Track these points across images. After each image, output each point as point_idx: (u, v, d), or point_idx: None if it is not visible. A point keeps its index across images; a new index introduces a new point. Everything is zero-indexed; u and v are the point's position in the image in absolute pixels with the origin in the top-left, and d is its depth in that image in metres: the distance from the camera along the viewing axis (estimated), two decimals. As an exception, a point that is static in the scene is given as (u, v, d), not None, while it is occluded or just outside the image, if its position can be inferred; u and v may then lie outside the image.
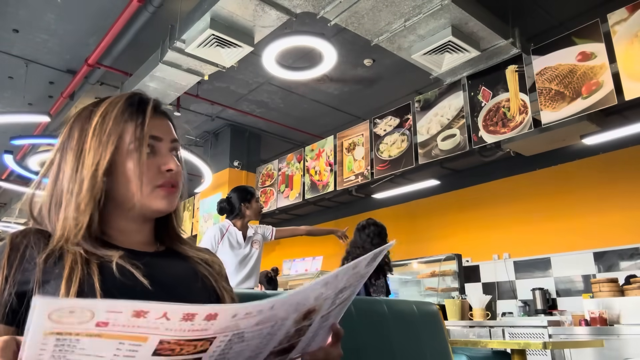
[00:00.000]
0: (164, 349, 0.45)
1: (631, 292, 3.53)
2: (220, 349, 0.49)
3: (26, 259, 0.67)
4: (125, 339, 0.43)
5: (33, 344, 0.42)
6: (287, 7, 3.12)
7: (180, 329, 0.43)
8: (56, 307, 0.39)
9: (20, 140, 4.99)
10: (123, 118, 0.76)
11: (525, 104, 3.62)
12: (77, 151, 0.75)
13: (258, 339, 0.52)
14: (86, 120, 0.77)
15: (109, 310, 0.40)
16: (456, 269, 5.60)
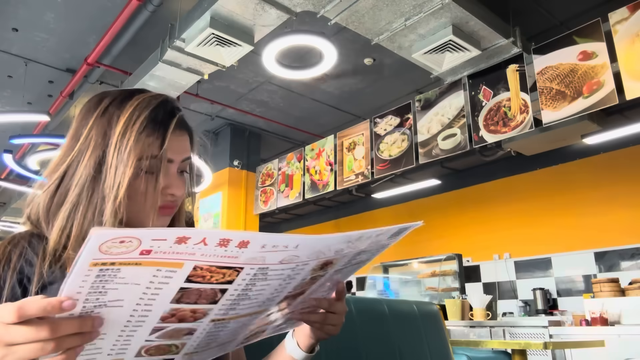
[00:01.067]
0: (196, 275, 0.47)
1: (632, 292, 3.52)
2: (245, 283, 0.51)
3: (22, 264, 0.65)
4: (163, 266, 0.46)
5: (77, 277, 0.44)
6: (287, 6, 3.11)
7: (214, 254, 0.46)
8: (109, 237, 0.41)
9: (19, 140, 4.98)
10: (145, 133, 0.72)
11: (526, 104, 3.61)
12: (97, 160, 0.71)
13: (278, 280, 0.54)
14: (109, 125, 0.72)
15: (154, 238, 0.43)
16: (457, 268, 5.59)
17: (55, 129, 5.67)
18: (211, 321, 0.55)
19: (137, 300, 0.48)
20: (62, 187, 0.73)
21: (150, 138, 0.72)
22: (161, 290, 0.48)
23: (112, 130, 0.71)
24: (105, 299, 0.47)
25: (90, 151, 0.71)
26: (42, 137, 5.41)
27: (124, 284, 0.46)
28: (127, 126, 0.71)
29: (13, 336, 0.44)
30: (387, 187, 6.94)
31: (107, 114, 0.73)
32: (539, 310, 5.32)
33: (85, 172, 0.71)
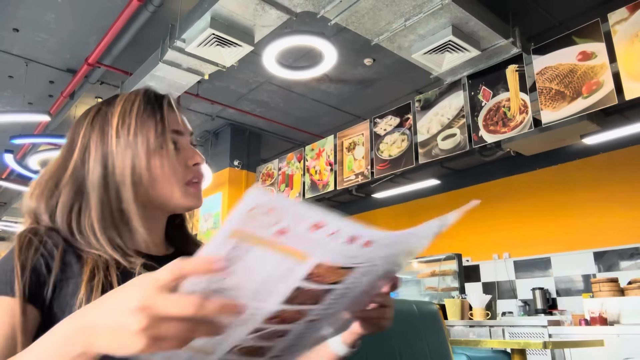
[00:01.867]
0: (315, 274, 0.44)
1: (631, 291, 3.53)
2: (349, 283, 0.48)
3: (41, 253, 0.64)
4: (290, 253, 0.42)
5: (214, 246, 0.40)
6: (288, 7, 3.12)
7: (340, 251, 0.43)
8: (266, 199, 0.38)
9: (20, 140, 4.99)
10: (144, 116, 0.73)
11: (525, 104, 3.62)
12: (102, 155, 0.71)
13: (370, 279, 0.51)
14: (104, 121, 0.74)
15: (299, 213, 0.40)
16: (456, 268, 5.60)
17: (56, 129, 5.67)
18: (306, 322, 0.51)
19: (252, 294, 0.44)
20: (77, 188, 0.72)
21: (151, 118, 0.73)
22: (278, 286, 0.44)
23: (110, 124, 0.73)
24: (225, 284, 0.43)
25: (94, 150, 0.72)
26: (42, 137, 5.41)
27: (249, 268, 0.42)
28: (124, 115, 0.73)
29: (164, 305, 0.39)
30: (387, 187, 6.95)
31: (100, 115, 0.75)
32: (538, 309, 5.32)
33: (96, 171, 0.71)
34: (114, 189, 0.70)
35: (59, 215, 0.70)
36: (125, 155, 0.71)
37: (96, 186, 0.70)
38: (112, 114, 0.74)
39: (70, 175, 0.72)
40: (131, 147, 0.71)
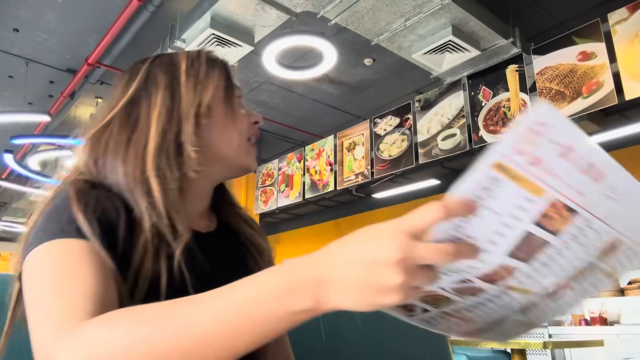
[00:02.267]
0: (546, 217, 0.38)
1: (631, 292, 3.54)
2: (567, 239, 0.40)
3: (107, 207, 0.58)
4: (530, 191, 0.37)
5: (471, 182, 0.37)
6: (288, 7, 3.12)
7: (571, 184, 0.37)
8: (555, 117, 0.35)
9: (20, 140, 4.99)
10: (211, 65, 0.72)
11: (525, 104, 3.62)
12: (169, 93, 0.67)
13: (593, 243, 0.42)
14: (170, 66, 0.71)
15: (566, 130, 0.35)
16: (456, 268, 5.60)
17: (56, 129, 5.68)
18: (505, 288, 0.44)
19: (485, 239, 0.39)
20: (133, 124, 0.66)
21: (216, 71, 0.72)
22: (508, 231, 0.38)
23: (177, 65, 0.70)
24: (464, 231, 0.39)
25: (160, 87, 0.68)
26: (42, 137, 5.42)
27: (491, 211, 0.37)
28: (193, 60, 0.71)
29: (422, 255, 0.36)
30: (387, 187, 6.95)
31: (163, 57, 0.73)
32: (538, 310, 5.33)
33: (163, 102, 0.67)
34: (177, 122, 0.66)
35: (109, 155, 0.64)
36: (194, 92, 0.68)
37: (161, 117, 0.66)
38: (178, 58, 0.72)
39: (124, 112, 0.67)
40: (201, 85, 0.69)
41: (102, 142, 0.65)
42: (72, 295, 0.48)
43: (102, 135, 0.66)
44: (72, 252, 0.52)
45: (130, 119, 0.66)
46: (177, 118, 0.66)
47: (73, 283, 0.49)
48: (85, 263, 0.51)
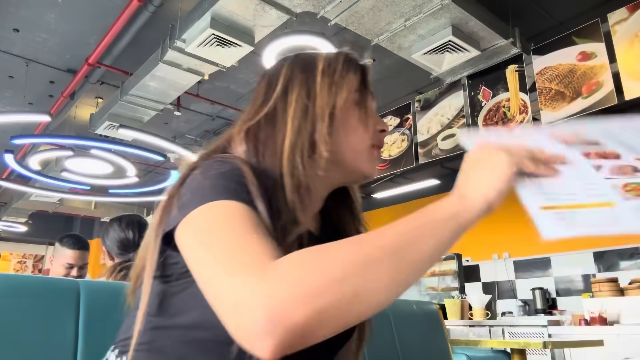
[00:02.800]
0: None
1: (631, 292, 3.53)
2: None
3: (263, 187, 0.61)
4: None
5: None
6: (288, 7, 3.12)
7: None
8: None
9: (20, 140, 5.00)
10: (349, 67, 0.74)
11: (525, 104, 3.62)
12: (305, 91, 0.71)
13: None
14: (308, 63, 0.74)
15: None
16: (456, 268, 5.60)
17: (56, 129, 5.68)
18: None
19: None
20: (272, 122, 0.70)
21: (352, 74, 0.74)
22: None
23: (314, 65, 0.73)
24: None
25: (297, 84, 0.71)
26: (43, 137, 5.42)
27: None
28: (331, 61, 0.74)
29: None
30: (387, 187, 6.95)
31: (302, 57, 0.76)
32: (538, 309, 5.33)
33: (300, 104, 0.70)
34: (311, 121, 0.69)
35: (258, 147, 0.69)
36: (329, 92, 0.70)
37: (297, 114, 0.69)
38: (316, 59, 0.74)
39: (269, 107, 0.71)
40: (336, 86, 0.71)
41: (251, 136, 0.70)
42: (258, 244, 0.50)
43: (253, 130, 0.71)
44: (250, 215, 0.55)
45: (271, 116, 0.71)
46: (311, 117, 0.69)
47: (257, 237, 0.52)
48: (262, 227, 0.55)
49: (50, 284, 0.87)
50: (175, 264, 0.61)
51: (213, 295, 0.48)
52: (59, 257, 2.11)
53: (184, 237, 0.56)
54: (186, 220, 0.55)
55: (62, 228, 10.39)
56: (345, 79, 0.72)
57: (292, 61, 0.75)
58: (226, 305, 0.46)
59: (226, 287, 0.47)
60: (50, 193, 7.27)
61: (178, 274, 0.61)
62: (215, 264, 0.49)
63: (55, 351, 0.81)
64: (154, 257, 0.61)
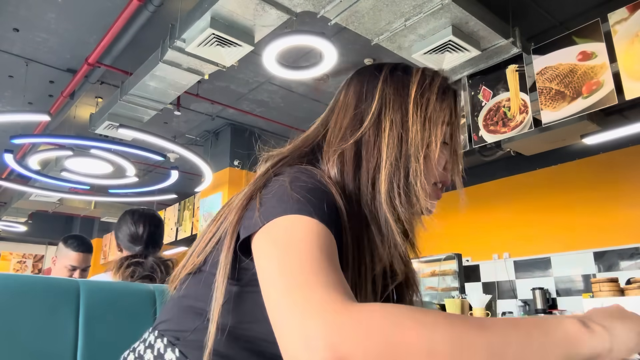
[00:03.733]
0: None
1: (631, 292, 3.53)
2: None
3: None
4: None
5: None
6: (288, 7, 3.12)
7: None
8: None
9: (20, 140, 4.99)
10: (441, 98, 0.70)
11: (525, 104, 3.62)
12: (399, 120, 0.68)
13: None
14: (401, 84, 0.70)
15: None
16: (456, 268, 5.60)
17: (56, 129, 5.68)
18: None
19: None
20: (365, 148, 0.68)
21: (445, 104, 0.70)
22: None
23: (409, 90, 0.70)
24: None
25: (390, 110, 0.69)
26: (42, 137, 5.42)
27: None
28: (424, 88, 0.70)
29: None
30: (387, 187, 6.93)
31: (395, 77, 0.72)
32: (538, 309, 5.33)
33: (394, 132, 0.67)
34: (405, 156, 0.66)
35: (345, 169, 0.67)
36: (422, 129, 0.67)
37: (392, 145, 0.67)
38: (409, 81, 0.71)
39: (363, 129, 0.69)
40: (428, 124, 0.68)
41: (343, 158, 0.68)
42: (336, 278, 0.49)
43: (348, 153, 0.68)
44: (331, 241, 0.54)
45: (365, 140, 0.68)
46: (405, 153, 0.67)
47: (335, 268, 0.50)
48: (336, 256, 0.54)
49: (50, 284, 0.87)
50: (245, 269, 0.60)
51: (278, 319, 0.47)
52: (62, 258, 2.10)
53: (260, 247, 0.54)
54: (267, 229, 0.54)
55: (62, 228, 10.39)
56: (438, 113, 0.69)
57: (385, 76, 0.72)
58: (290, 335, 0.44)
59: (295, 317, 0.45)
60: (50, 193, 7.27)
61: (248, 279, 0.60)
62: (287, 288, 0.48)
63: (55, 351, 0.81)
64: (229, 257, 0.59)
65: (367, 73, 0.75)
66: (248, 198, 0.62)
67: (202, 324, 0.60)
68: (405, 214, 0.66)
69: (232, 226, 0.60)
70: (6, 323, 0.77)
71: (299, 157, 0.71)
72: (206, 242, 0.66)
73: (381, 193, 0.65)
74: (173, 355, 0.61)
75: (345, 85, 0.77)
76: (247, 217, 0.59)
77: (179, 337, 0.63)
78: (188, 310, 0.64)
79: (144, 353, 0.64)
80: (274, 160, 0.70)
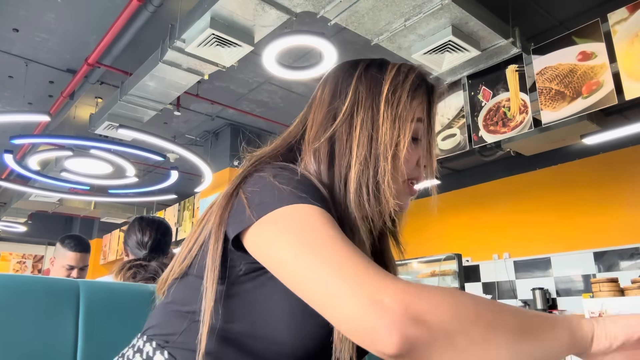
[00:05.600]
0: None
1: (631, 292, 3.53)
2: None
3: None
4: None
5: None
6: (287, 7, 3.12)
7: None
8: None
9: (20, 140, 4.99)
10: (412, 95, 0.70)
11: (525, 104, 3.62)
12: (372, 117, 0.68)
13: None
14: (374, 82, 0.70)
15: None
16: (456, 268, 5.60)
17: (56, 129, 5.68)
18: None
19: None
20: (337, 147, 0.68)
21: (417, 101, 0.70)
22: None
23: (381, 88, 0.69)
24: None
25: (362, 108, 0.69)
26: (42, 137, 5.42)
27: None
28: (396, 85, 0.69)
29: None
30: (386, 187, 6.93)
31: (369, 74, 0.71)
32: (538, 309, 5.33)
33: (365, 130, 0.67)
34: (375, 156, 0.67)
35: (321, 170, 0.67)
36: (392, 128, 0.67)
37: (362, 144, 0.67)
38: (383, 78, 0.70)
39: (334, 128, 0.69)
40: (398, 122, 0.68)
41: (318, 156, 0.69)
42: (362, 253, 0.52)
43: (321, 151, 0.69)
44: (335, 222, 0.56)
45: (335, 138, 0.69)
46: (375, 152, 0.67)
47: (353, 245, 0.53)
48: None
49: (50, 284, 0.87)
50: (232, 267, 0.60)
51: (331, 299, 0.48)
52: (59, 258, 2.10)
53: (266, 239, 0.54)
54: (267, 221, 0.54)
55: (62, 228, 10.38)
56: (408, 111, 0.68)
57: (359, 75, 0.72)
58: (357, 308, 0.46)
59: (358, 292, 0.47)
60: (49, 193, 7.27)
61: (234, 278, 0.60)
62: (333, 270, 0.49)
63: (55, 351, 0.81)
64: (217, 259, 0.59)
65: (344, 69, 0.74)
66: (228, 197, 0.62)
67: (190, 325, 0.61)
68: (373, 213, 0.66)
69: (216, 227, 0.60)
70: (6, 323, 0.77)
71: (277, 155, 0.71)
72: (190, 246, 0.66)
73: (350, 192, 0.65)
74: (162, 357, 0.61)
75: (323, 81, 0.76)
76: (234, 214, 0.59)
77: (167, 340, 0.63)
78: (175, 314, 0.64)
79: (133, 357, 0.64)
80: (253, 160, 0.69)
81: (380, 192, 0.66)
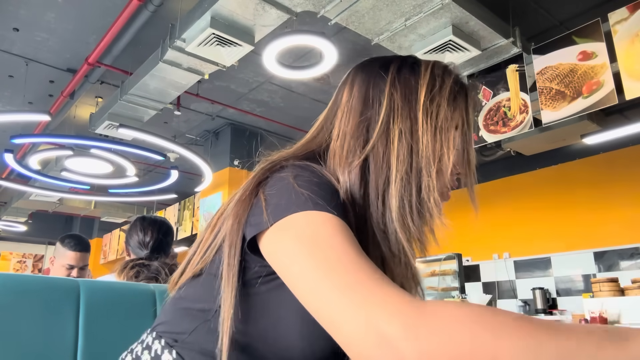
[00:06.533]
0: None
1: (631, 291, 3.53)
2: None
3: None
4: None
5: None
6: (288, 6, 3.12)
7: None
8: None
9: (20, 139, 4.99)
10: (453, 103, 0.66)
11: (525, 104, 3.62)
12: (408, 129, 0.64)
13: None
14: (408, 89, 0.66)
15: None
16: (456, 268, 5.61)
17: (56, 128, 5.68)
18: None
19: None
20: (374, 161, 0.63)
21: (457, 110, 0.66)
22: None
23: (417, 95, 0.65)
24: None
25: (399, 118, 0.64)
26: (42, 137, 5.42)
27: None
28: (434, 92, 0.65)
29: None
30: (387, 187, 6.93)
31: (402, 79, 0.67)
32: (538, 309, 5.33)
33: (404, 143, 0.63)
34: (417, 170, 0.63)
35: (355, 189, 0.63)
36: (434, 139, 0.63)
37: (402, 157, 0.63)
38: (418, 83, 0.66)
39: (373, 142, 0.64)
40: (439, 134, 0.64)
41: (348, 175, 0.64)
42: (377, 272, 0.49)
43: (359, 168, 0.64)
44: (350, 231, 0.53)
45: (374, 152, 0.64)
46: (417, 166, 0.63)
47: (369, 262, 0.50)
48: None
49: (50, 284, 0.86)
50: (247, 268, 0.59)
51: (335, 318, 0.46)
52: (59, 257, 2.11)
53: (279, 245, 0.53)
54: (282, 226, 0.53)
55: (62, 228, 10.39)
56: (450, 122, 0.64)
57: (392, 80, 0.67)
58: (359, 334, 0.44)
59: (361, 315, 0.44)
60: (50, 193, 7.27)
61: (246, 280, 0.59)
62: (338, 286, 0.47)
63: (55, 351, 0.81)
64: (235, 267, 0.57)
65: (373, 72, 0.69)
66: (247, 195, 0.60)
67: (200, 325, 0.60)
68: (417, 231, 0.63)
69: (235, 227, 0.59)
70: (6, 323, 0.77)
71: (302, 157, 0.67)
72: (205, 249, 0.64)
73: (392, 210, 0.61)
74: (170, 357, 0.61)
75: (348, 83, 0.71)
76: (252, 215, 0.57)
77: (177, 339, 0.62)
78: (186, 312, 0.63)
79: (142, 354, 0.64)
80: (268, 163, 0.66)
81: (424, 209, 0.63)
